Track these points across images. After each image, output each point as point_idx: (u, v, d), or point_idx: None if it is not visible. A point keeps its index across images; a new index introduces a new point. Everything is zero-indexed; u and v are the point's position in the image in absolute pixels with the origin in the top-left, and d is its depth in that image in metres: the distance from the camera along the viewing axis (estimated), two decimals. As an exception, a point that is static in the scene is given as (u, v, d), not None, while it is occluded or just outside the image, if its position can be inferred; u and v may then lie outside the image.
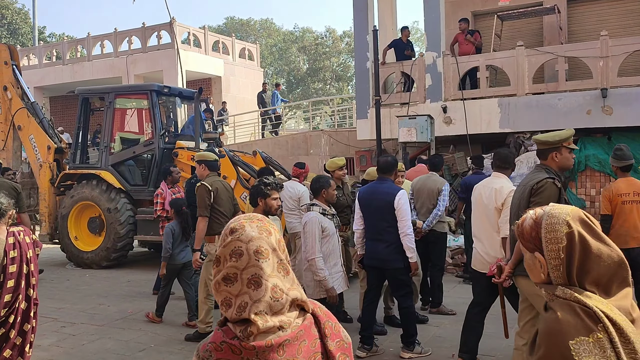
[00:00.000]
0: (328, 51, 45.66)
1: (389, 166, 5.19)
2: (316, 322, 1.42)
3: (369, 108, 12.11)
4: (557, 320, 1.38)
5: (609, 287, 1.43)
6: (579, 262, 1.43)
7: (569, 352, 1.31)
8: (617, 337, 1.32)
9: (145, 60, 19.98)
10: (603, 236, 1.47)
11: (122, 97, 10.14)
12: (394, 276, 5.06)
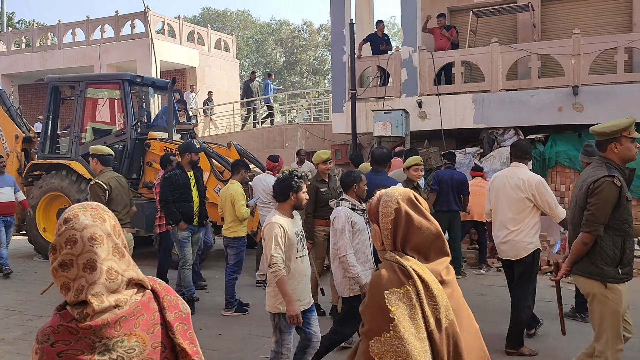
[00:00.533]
0: (305, 44, 45.50)
1: (384, 158, 5.32)
2: (156, 297, 1.52)
3: (345, 102, 12.11)
4: (378, 275, 1.72)
5: (427, 254, 1.76)
6: (403, 232, 1.77)
7: (383, 299, 1.64)
8: (422, 290, 1.65)
9: (118, 50, 19.61)
10: (426, 213, 1.81)
11: (93, 86, 9.92)
12: None
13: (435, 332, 1.62)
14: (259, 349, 5.14)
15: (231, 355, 5.01)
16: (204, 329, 5.72)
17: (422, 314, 1.62)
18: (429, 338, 1.62)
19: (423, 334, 1.60)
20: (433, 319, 1.63)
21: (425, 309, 1.63)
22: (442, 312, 1.65)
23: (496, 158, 10.43)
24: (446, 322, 1.65)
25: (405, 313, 1.61)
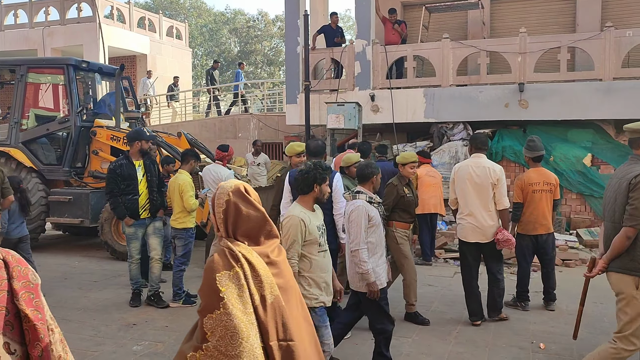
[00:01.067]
0: (260, 34, 45.05)
1: (320, 149, 5.30)
2: (6, 266, 1.57)
3: (299, 93, 12.07)
4: (211, 260, 1.94)
5: (257, 238, 2.02)
6: (233, 221, 2.00)
7: (215, 281, 1.86)
8: (249, 272, 1.89)
9: (63, 34, 18.87)
10: (254, 204, 2.07)
11: (35, 70, 9.52)
12: None
13: (260, 307, 1.88)
14: (205, 341, 5.08)
15: (177, 347, 4.93)
16: (150, 321, 5.61)
17: (249, 292, 1.87)
18: (255, 312, 1.87)
19: (250, 309, 1.86)
20: (258, 296, 1.90)
21: (251, 287, 1.88)
22: (267, 289, 1.91)
23: (445, 152, 10.64)
24: (271, 297, 1.92)
25: (234, 292, 1.85)
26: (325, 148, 5.59)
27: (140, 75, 20.36)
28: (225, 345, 1.80)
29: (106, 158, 9.02)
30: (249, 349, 1.80)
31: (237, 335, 1.80)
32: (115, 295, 6.56)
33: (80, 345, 4.94)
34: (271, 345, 1.88)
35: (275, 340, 1.90)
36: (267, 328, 1.86)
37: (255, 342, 1.83)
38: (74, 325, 5.50)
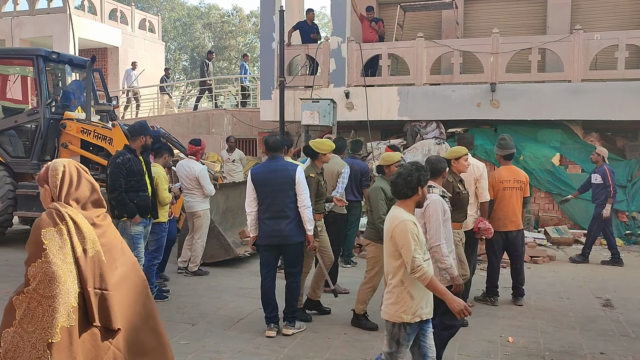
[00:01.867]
0: (234, 30, 44.73)
1: (279, 144, 5.33)
2: None
3: (273, 89, 12.06)
4: (40, 219, 2.23)
5: (85, 205, 2.34)
6: (67, 188, 2.31)
7: (40, 236, 2.14)
8: (73, 229, 2.19)
9: (32, 24, 18.45)
10: (87, 176, 2.40)
11: (3, 61, 9.29)
12: (293, 251, 5.20)
13: (82, 258, 2.18)
14: (178, 335, 5.05)
15: (149, 342, 4.90)
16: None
17: (71, 246, 2.17)
18: (77, 262, 2.17)
19: (70, 259, 2.15)
20: (80, 249, 2.19)
21: (74, 242, 2.18)
22: (89, 244, 2.22)
23: (419, 150, 10.75)
24: (92, 251, 2.23)
25: (56, 245, 2.14)
26: (285, 144, 5.60)
27: (112, 68, 20.05)
28: (44, 287, 2.07)
29: (76, 151, 8.86)
30: (65, 291, 2.08)
31: (55, 280, 2.08)
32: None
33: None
34: (88, 290, 2.17)
35: (92, 287, 2.19)
36: (85, 276, 2.17)
37: (71, 287, 2.12)
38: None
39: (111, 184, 5.60)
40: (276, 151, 5.26)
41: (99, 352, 2.20)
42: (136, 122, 5.85)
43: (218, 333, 5.16)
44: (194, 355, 4.62)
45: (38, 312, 2.05)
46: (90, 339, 2.18)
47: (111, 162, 5.69)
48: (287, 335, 5.14)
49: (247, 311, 5.81)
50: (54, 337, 2.05)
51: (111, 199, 5.55)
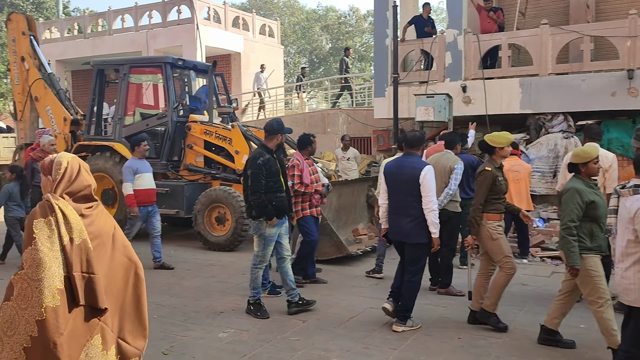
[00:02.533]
0: (351, 30, 45.09)
1: (417, 140, 5.23)
2: None
3: (387, 86, 11.91)
4: (34, 210, 2.48)
5: (76, 198, 2.56)
6: (65, 182, 2.55)
7: (32, 226, 2.40)
8: (62, 219, 2.42)
9: (165, 35, 19.92)
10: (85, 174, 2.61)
11: (136, 70, 10.08)
12: (412, 251, 5.13)
13: (68, 246, 2.41)
14: (289, 331, 5.12)
15: (262, 336, 5.01)
16: (236, 310, 5.74)
17: (58, 235, 2.41)
18: (63, 250, 2.40)
19: (57, 247, 2.40)
20: (67, 238, 2.42)
21: (61, 231, 2.41)
22: (76, 234, 2.44)
23: (543, 145, 10.04)
24: (79, 240, 2.45)
25: (45, 234, 2.40)
26: (424, 139, 5.45)
27: (235, 72, 21.06)
28: (32, 272, 2.36)
29: (200, 152, 9.38)
30: (50, 275, 2.35)
31: (41, 265, 2.35)
32: (205, 284, 6.79)
33: (171, 330, 5.16)
34: (74, 275, 2.41)
35: (79, 271, 2.43)
36: (71, 262, 2.41)
37: (56, 271, 2.38)
38: (166, 311, 5.74)
39: (253, 185, 5.40)
40: (412, 147, 5.20)
41: (88, 328, 2.49)
42: (272, 120, 5.70)
43: (328, 331, 5.15)
44: (303, 352, 4.64)
45: (28, 293, 2.34)
46: (80, 317, 2.46)
47: (252, 163, 5.45)
48: (396, 332, 5.04)
49: (358, 310, 5.75)
50: (41, 315, 2.34)
51: (251, 201, 5.44)
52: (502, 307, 5.40)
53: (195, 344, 4.82)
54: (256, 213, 5.46)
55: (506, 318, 5.31)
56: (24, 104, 10.74)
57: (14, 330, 2.36)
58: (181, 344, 4.82)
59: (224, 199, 8.55)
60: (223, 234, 8.64)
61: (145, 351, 2.79)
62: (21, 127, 11.04)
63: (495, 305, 5.15)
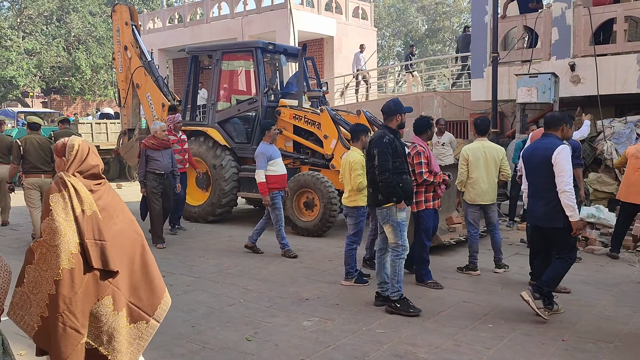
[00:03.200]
0: (448, 11, 43.53)
1: (555, 120, 5.03)
2: None
3: (485, 66, 11.25)
4: (49, 186, 2.94)
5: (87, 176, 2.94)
6: (76, 162, 2.92)
7: (49, 199, 2.76)
8: (74, 194, 2.78)
9: (259, 21, 20.18)
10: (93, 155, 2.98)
11: (228, 54, 10.18)
12: (552, 235, 4.96)
13: (80, 216, 2.76)
14: (375, 322, 4.90)
15: (347, 326, 4.83)
16: (322, 298, 5.61)
17: (71, 207, 2.76)
18: (76, 220, 2.76)
19: (71, 217, 2.75)
20: (79, 209, 2.78)
21: (74, 204, 2.77)
22: (86, 206, 2.80)
23: (664, 128, 9.01)
24: (90, 211, 2.80)
25: (60, 206, 2.75)
26: (563, 119, 5.07)
27: (327, 56, 20.94)
28: (50, 239, 2.70)
29: (289, 136, 9.34)
30: (65, 242, 2.70)
31: (58, 233, 2.69)
32: (292, 269, 6.73)
33: (256, 316, 5.12)
34: (86, 241, 2.75)
35: (91, 239, 2.77)
36: (84, 230, 2.76)
37: (71, 238, 2.72)
38: (253, 295, 5.73)
39: (381, 164, 5.05)
40: (550, 128, 5.03)
41: (100, 289, 2.80)
42: (389, 101, 5.40)
43: (416, 324, 4.88)
44: (389, 346, 4.41)
45: (48, 257, 2.68)
46: (93, 279, 2.78)
47: (377, 142, 5.14)
48: (542, 318, 4.87)
49: (449, 303, 5.41)
50: (59, 276, 2.68)
51: (380, 182, 5.07)
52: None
53: (279, 331, 4.74)
54: (384, 195, 5.07)
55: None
56: (126, 91, 11.23)
57: (38, 289, 2.70)
58: (265, 330, 4.76)
59: (312, 184, 8.45)
60: (311, 219, 8.56)
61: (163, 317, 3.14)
62: (124, 113, 11.58)
63: None
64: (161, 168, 7.92)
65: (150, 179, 7.90)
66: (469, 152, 6.43)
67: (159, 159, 7.92)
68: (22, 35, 31.28)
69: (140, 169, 7.98)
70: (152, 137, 8.08)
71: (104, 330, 2.80)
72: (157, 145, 7.95)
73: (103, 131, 16.84)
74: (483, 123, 6.65)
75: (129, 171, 17.15)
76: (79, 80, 31.26)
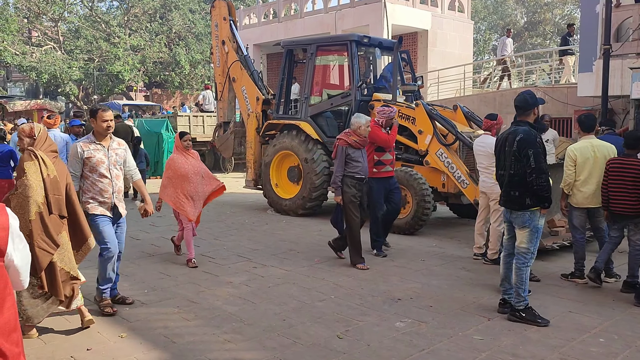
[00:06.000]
0: (550, 2, 41.22)
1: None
2: None
3: (595, 60, 10.47)
4: (23, 155, 4.22)
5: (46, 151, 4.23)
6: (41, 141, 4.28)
7: (24, 164, 4.09)
8: (42, 161, 4.09)
9: (352, 16, 20.06)
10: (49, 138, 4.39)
11: (323, 48, 10.15)
12: None
13: (47, 178, 4.05)
14: (472, 328, 4.65)
15: (440, 330, 4.62)
16: (415, 298, 5.42)
17: (40, 171, 4.02)
18: (43, 180, 4.03)
19: (39, 178, 4.02)
20: (45, 173, 4.05)
21: (42, 169, 4.03)
22: (50, 171, 4.08)
23: None
24: (52, 175, 4.09)
25: (32, 170, 4.01)
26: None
27: (421, 51, 20.47)
28: (24, 192, 3.96)
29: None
30: (35, 194, 3.95)
31: (30, 188, 3.95)
32: (383, 267, 6.58)
33: (347, 313, 5.03)
34: (50, 195, 4.02)
35: (52, 194, 4.05)
36: (47, 187, 4.00)
37: (39, 192, 3.98)
38: (344, 292, 5.64)
39: (539, 166, 4.66)
40: None
41: (60, 227, 4.19)
42: (522, 94, 5.03)
43: (517, 332, 4.57)
44: (487, 355, 4.15)
45: (24, 204, 3.95)
46: (55, 219, 4.13)
47: (531, 142, 4.70)
48: None
49: (553, 312, 5.03)
50: (32, 217, 3.98)
51: (537, 185, 4.68)
52: None
53: (371, 331, 4.61)
54: (535, 200, 4.75)
55: None
56: (223, 85, 11.53)
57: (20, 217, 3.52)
58: (356, 329, 4.65)
59: (405, 181, 8.23)
60: (403, 217, 8.33)
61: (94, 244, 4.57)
62: (220, 107, 11.90)
63: None
64: (362, 171, 6.63)
65: (349, 184, 6.58)
66: (576, 152, 5.96)
67: (360, 160, 6.62)
68: (128, 32, 33.20)
69: (337, 171, 6.62)
70: (353, 133, 6.65)
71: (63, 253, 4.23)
72: (359, 144, 6.65)
73: (200, 124, 17.49)
74: (588, 119, 6.13)
75: (223, 163, 17.71)
76: (178, 75, 32.73)
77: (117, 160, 4.97)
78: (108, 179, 4.86)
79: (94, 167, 4.79)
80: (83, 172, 4.83)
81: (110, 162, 4.89)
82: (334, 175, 6.69)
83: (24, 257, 2.03)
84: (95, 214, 4.79)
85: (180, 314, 5.03)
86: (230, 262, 6.82)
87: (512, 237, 5.04)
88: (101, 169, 4.83)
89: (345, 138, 6.65)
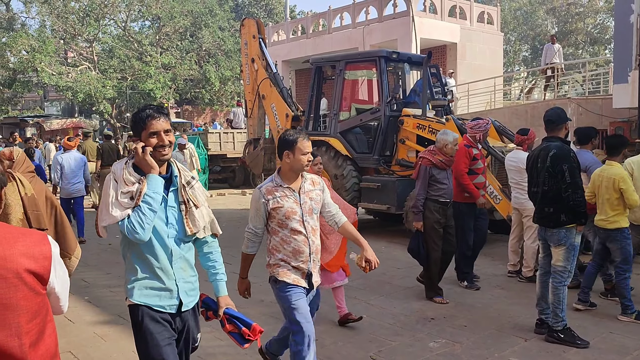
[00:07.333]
0: (582, 11, 40.59)
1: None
2: None
3: (631, 70, 10.23)
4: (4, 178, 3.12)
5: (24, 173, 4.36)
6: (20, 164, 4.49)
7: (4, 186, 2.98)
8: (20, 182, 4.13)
9: (380, 30, 20.12)
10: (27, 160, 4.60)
11: (352, 64, 10.19)
12: None
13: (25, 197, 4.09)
14: (508, 349, 4.53)
15: (476, 351, 4.53)
16: (448, 318, 5.33)
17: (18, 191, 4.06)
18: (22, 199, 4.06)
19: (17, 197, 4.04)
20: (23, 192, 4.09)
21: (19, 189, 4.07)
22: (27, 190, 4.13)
23: None
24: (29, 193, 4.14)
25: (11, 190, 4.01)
26: None
27: (450, 65, 20.36)
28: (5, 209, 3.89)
29: (412, 147, 9.10)
30: (15, 212, 3.98)
31: (10, 207, 3.96)
32: (416, 285, 6.48)
33: (379, 333, 4.97)
34: (28, 212, 4.07)
35: (30, 210, 4.09)
36: (26, 205, 4.07)
37: (18, 210, 4.02)
38: (376, 311, 5.59)
39: (574, 182, 4.60)
40: None
41: None
42: (553, 109, 4.95)
43: (555, 355, 4.45)
44: (525, 378, 4.05)
45: (5, 220, 3.78)
46: None
47: (564, 157, 4.61)
48: None
49: (593, 333, 4.87)
50: None
51: (573, 201, 4.60)
52: None
53: (405, 352, 4.55)
54: (570, 216, 4.64)
55: None
56: (253, 102, 11.66)
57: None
58: (390, 350, 4.59)
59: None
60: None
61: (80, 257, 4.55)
62: (250, 124, 12.02)
63: None
64: (447, 194, 5.88)
65: (432, 209, 5.83)
66: (634, 165, 5.75)
67: (445, 182, 5.87)
68: (159, 51, 33.96)
69: (420, 194, 5.87)
70: (439, 152, 5.89)
71: None
72: (445, 164, 5.89)
73: (230, 140, 17.68)
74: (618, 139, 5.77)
75: (253, 179, 17.83)
76: (208, 92, 33.29)
77: (314, 207, 3.54)
78: (303, 235, 3.48)
79: (283, 221, 3.45)
80: (270, 227, 3.54)
81: (304, 211, 3.50)
82: (416, 199, 5.90)
83: (64, 282, 2.05)
84: (286, 282, 3.49)
85: (213, 333, 5.05)
86: (261, 280, 6.78)
87: (548, 255, 4.93)
88: (293, 222, 3.45)
89: (429, 157, 5.88)
